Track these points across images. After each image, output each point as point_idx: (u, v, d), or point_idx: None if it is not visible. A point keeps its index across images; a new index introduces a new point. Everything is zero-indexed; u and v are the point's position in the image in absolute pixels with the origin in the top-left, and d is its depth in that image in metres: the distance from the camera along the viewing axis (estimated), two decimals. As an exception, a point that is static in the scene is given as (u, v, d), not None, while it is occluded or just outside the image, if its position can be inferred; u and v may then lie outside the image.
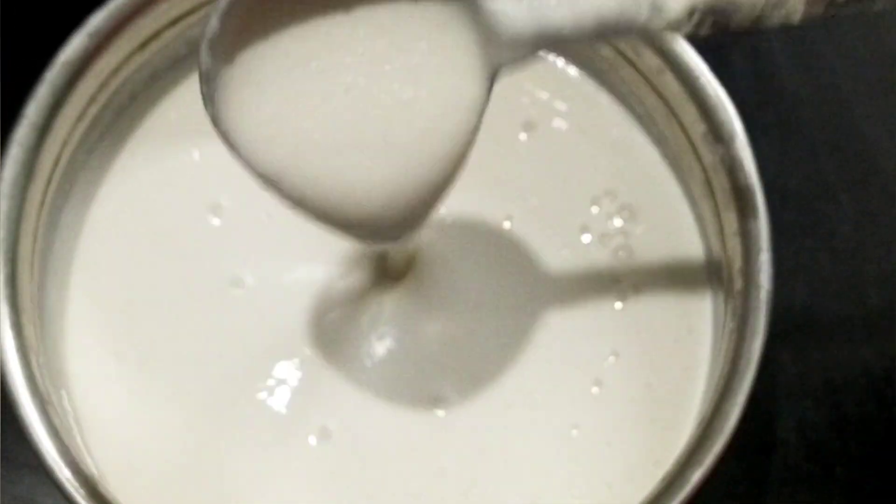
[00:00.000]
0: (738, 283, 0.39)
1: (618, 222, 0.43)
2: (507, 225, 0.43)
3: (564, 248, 0.43)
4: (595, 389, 0.41)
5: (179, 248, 0.43)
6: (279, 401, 0.41)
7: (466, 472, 0.41)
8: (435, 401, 0.41)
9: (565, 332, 0.42)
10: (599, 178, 0.43)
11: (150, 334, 0.42)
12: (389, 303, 0.42)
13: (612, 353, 0.41)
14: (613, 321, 0.42)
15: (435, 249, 0.42)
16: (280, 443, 0.41)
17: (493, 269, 0.42)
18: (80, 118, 0.41)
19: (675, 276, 0.42)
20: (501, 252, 0.43)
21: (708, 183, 0.41)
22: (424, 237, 0.42)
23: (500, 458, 0.41)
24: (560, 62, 0.45)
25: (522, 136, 0.44)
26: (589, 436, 0.41)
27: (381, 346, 0.42)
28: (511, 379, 0.41)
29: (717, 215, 0.41)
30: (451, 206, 0.40)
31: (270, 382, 0.41)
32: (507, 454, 0.41)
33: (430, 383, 0.41)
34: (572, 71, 0.45)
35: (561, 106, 0.44)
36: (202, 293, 0.42)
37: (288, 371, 0.42)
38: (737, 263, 0.39)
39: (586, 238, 0.43)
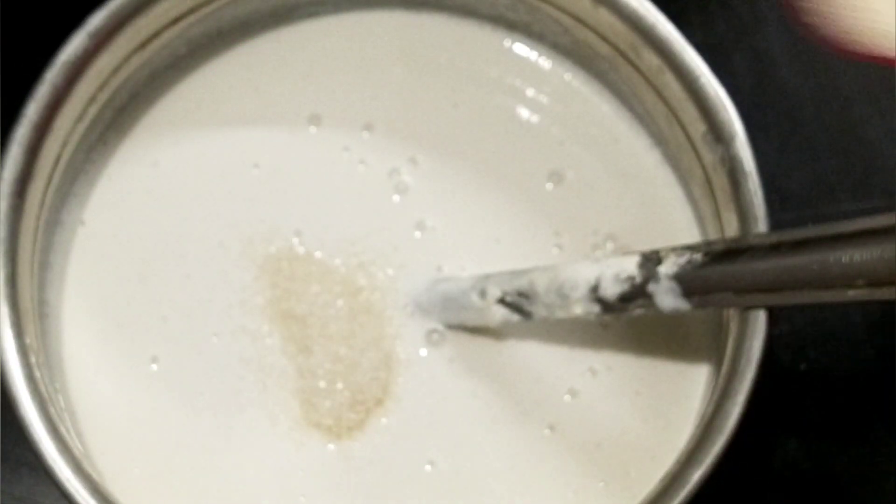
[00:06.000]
0: (738, 283, 0.39)
1: (617, 222, 0.43)
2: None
3: (555, 248, 0.43)
4: (582, 392, 0.42)
5: (179, 248, 0.43)
6: (283, 402, 0.41)
7: (454, 467, 0.41)
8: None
9: (556, 335, 0.42)
10: (599, 179, 0.44)
11: (150, 333, 0.42)
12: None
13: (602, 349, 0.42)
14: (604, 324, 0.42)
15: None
16: (283, 444, 0.41)
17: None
18: (80, 118, 0.41)
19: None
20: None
21: (708, 183, 0.41)
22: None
23: (486, 458, 0.41)
24: (560, 62, 0.45)
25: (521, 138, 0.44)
26: (574, 437, 0.41)
27: None
28: (488, 391, 0.42)
29: (717, 215, 0.41)
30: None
31: (274, 383, 0.42)
32: (493, 455, 0.41)
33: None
34: (572, 71, 0.45)
35: (559, 106, 0.44)
36: (202, 293, 0.42)
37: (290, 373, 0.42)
38: (737, 263, 0.39)
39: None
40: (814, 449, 0.45)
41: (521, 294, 0.40)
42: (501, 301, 0.40)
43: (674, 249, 0.38)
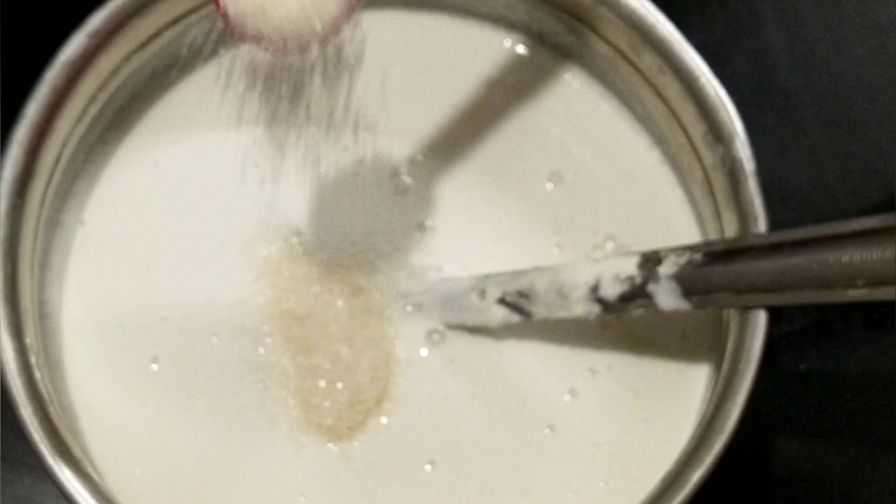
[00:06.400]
0: (738, 284, 0.39)
1: (617, 222, 0.43)
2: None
3: (555, 248, 0.43)
4: (582, 392, 0.42)
5: (179, 248, 0.43)
6: (283, 402, 0.41)
7: (455, 467, 0.41)
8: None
9: (556, 335, 0.42)
10: (599, 179, 0.44)
11: (150, 333, 0.42)
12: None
13: (602, 349, 0.42)
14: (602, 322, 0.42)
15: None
16: (283, 444, 0.41)
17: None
18: (80, 118, 0.41)
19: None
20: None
21: (708, 183, 0.41)
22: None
23: (487, 457, 0.41)
24: (560, 62, 0.45)
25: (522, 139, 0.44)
26: (574, 437, 0.41)
27: None
28: (488, 391, 0.42)
29: (717, 215, 0.41)
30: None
31: (274, 383, 0.42)
32: (493, 455, 0.41)
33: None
34: (572, 71, 0.45)
35: (559, 106, 0.44)
36: (202, 293, 0.42)
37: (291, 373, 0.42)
38: (737, 263, 0.39)
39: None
40: (814, 449, 0.45)
41: (521, 294, 0.40)
42: (501, 301, 0.40)
43: (674, 249, 0.38)
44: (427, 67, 0.44)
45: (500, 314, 0.41)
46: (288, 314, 0.42)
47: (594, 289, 0.39)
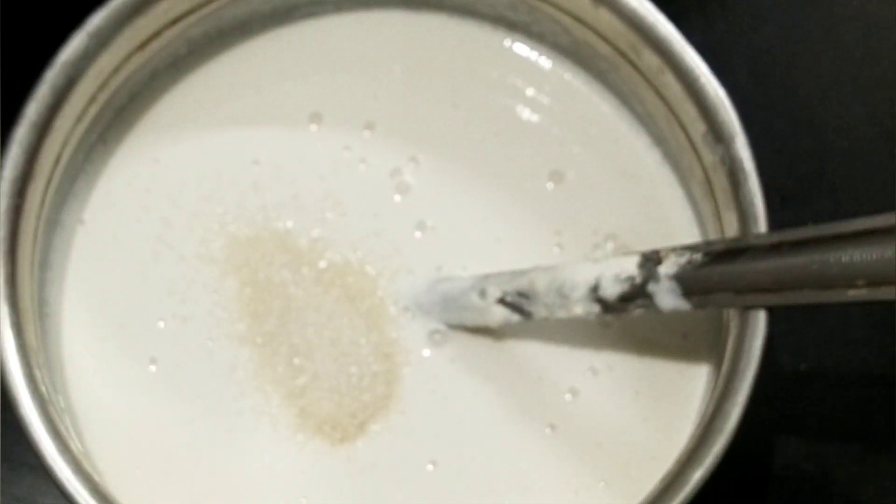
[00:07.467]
0: (738, 283, 0.39)
1: (617, 222, 0.43)
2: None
3: (555, 248, 0.43)
4: (583, 392, 0.42)
5: (179, 248, 0.43)
6: (283, 404, 0.41)
7: (457, 467, 0.41)
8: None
9: (556, 334, 0.42)
10: (599, 179, 0.44)
11: (149, 334, 0.42)
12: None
13: (602, 350, 0.42)
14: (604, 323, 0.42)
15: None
16: (284, 446, 0.41)
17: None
18: (80, 118, 0.41)
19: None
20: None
21: (708, 183, 0.41)
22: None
23: (488, 457, 0.41)
24: (560, 62, 0.45)
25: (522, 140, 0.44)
26: (575, 436, 0.41)
27: None
28: (489, 391, 0.42)
29: (717, 215, 0.41)
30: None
31: (275, 385, 0.42)
32: (494, 454, 0.41)
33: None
34: (572, 71, 0.45)
35: (559, 106, 0.44)
36: (201, 293, 0.42)
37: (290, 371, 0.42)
38: (737, 263, 0.39)
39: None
40: (814, 449, 0.45)
41: (522, 294, 0.40)
42: (501, 301, 0.40)
43: (674, 249, 0.38)
44: (427, 67, 0.44)
45: (500, 314, 0.41)
46: (288, 316, 0.42)
47: (594, 289, 0.39)
